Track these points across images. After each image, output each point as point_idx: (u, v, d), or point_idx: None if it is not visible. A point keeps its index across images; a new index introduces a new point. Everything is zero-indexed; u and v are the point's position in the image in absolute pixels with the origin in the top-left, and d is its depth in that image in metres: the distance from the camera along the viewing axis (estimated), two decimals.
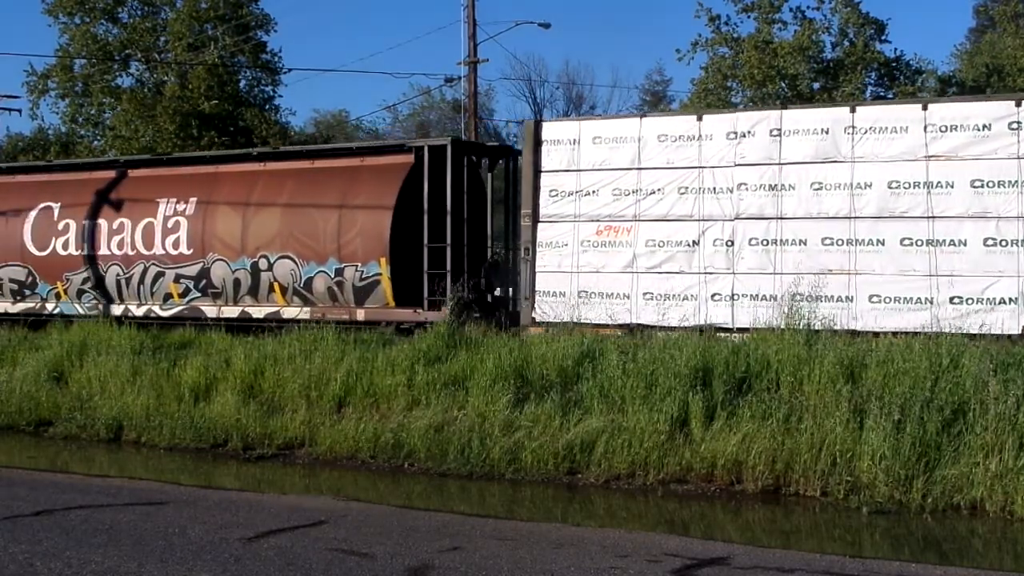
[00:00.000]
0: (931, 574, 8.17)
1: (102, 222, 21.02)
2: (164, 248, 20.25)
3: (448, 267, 17.95)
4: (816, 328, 13.50)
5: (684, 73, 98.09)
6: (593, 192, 17.01)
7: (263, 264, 19.25)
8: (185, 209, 20.16)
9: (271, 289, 19.23)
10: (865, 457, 10.63)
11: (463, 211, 18.56)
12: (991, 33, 44.32)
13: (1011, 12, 41.66)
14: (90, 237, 21.08)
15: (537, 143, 17.44)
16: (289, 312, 18.94)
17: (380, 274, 18.19)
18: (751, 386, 12.29)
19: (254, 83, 43.41)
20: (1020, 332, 14.33)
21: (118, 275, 20.78)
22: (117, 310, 20.73)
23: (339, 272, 18.54)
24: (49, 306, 21.58)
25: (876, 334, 14.26)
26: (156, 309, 20.38)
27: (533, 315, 17.04)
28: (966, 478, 10.23)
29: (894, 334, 13.99)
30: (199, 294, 19.98)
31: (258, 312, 19.27)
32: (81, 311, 21.04)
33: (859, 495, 10.49)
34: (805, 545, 9.51)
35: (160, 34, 42.43)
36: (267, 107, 42.52)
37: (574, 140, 17.21)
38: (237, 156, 21.94)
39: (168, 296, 20.33)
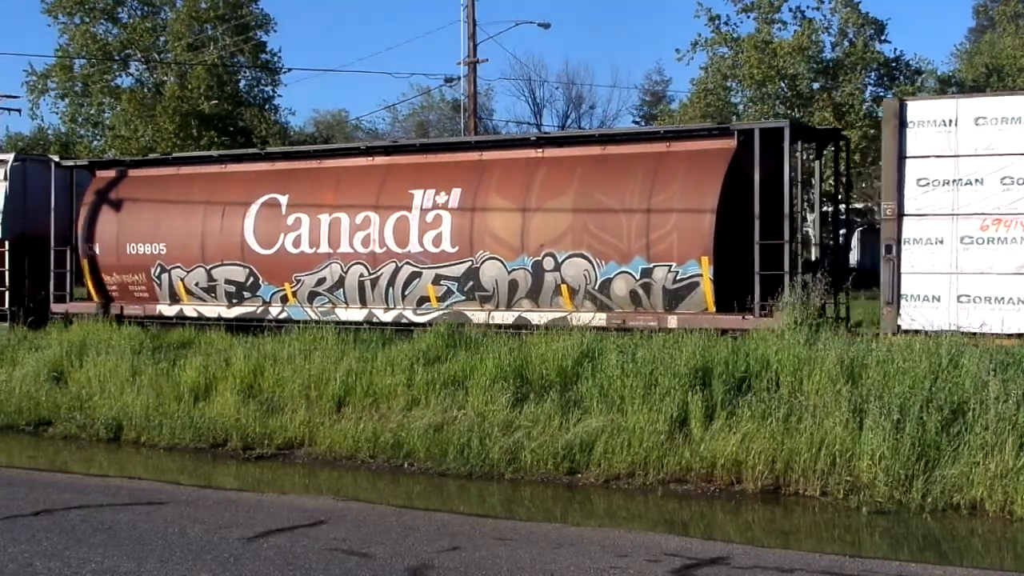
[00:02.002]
0: (931, 574, 8.17)
1: (342, 216, 18.63)
2: (421, 246, 17.94)
3: (786, 268, 16.09)
4: None
5: (684, 73, 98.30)
6: (977, 181, 14.79)
7: (548, 264, 16.97)
8: (447, 201, 17.86)
9: (556, 292, 17.04)
10: (865, 457, 10.63)
11: (797, 204, 16.83)
12: (991, 33, 44.46)
13: (1011, 12, 41.78)
14: (328, 233, 18.79)
15: (901, 125, 15.28)
16: (580, 317, 16.60)
17: (699, 275, 16.05)
18: (751, 386, 12.30)
19: (254, 83, 43.50)
20: None
21: (361, 276, 18.44)
22: (359, 315, 18.41)
23: (646, 273, 16.34)
24: (273, 310, 19.23)
25: None
26: (408, 314, 18.01)
27: (899, 323, 14.98)
28: (966, 478, 10.21)
29: None
30: (462, 297, 17.68)
31: (538, 318, 16.84)
32: (313, 316, 18.73)
33: (859, 495, 10.48)
34: (805, 545, 9.50)
35: (160, 34, 42.52)
36: (267, 107, 42.60)
37: (950, 121, 15.05)
38: (508, 142, 19.75)
39: (424, 299, 18.02)
